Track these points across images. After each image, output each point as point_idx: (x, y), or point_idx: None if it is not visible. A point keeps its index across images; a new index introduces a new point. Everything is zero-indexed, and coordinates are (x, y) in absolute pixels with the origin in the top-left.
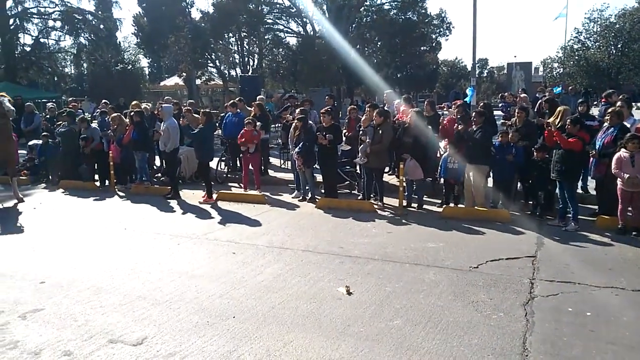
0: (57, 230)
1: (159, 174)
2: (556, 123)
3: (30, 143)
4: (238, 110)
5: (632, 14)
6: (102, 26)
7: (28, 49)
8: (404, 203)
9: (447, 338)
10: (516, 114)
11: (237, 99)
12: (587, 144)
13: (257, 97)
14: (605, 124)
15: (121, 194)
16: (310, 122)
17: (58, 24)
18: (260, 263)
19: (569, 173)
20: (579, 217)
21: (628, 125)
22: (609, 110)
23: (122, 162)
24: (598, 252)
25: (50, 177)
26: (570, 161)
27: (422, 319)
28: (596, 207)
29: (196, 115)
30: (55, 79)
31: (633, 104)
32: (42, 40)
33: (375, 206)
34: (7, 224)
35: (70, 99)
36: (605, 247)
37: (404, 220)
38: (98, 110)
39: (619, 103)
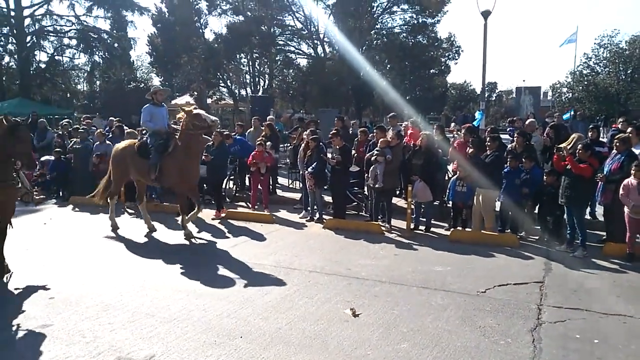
0: (66, 246)
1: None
2: (568, 149)
3: (42, 159)
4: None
5: None
6: (116, 45)
7: (43, 66)
8: (412, 225)
9: None
10: (515, 139)
11: (253, 118)
12: (596, 170)
13: (267, 117)
14: (614, 150)
15: (130, 211)
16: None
17: (73, 42)
18: (267, 283)
19: (578, 199)
20: (587, 243)
21: (637, 152)
22: (616, 137)
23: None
24: (606, 279)
25: (61, 193)
26: (580, 187)
27: (430, 343)
28: (604, 233)
29: (205, 137)
30: (68, 95)
31: None
32: (57, 57)
33: (383, 228)
34: (18, 239)
35: (84, 116)
36: (614, 274)
37: (411, 243)
38: (107, 127)
39: (628, 130)
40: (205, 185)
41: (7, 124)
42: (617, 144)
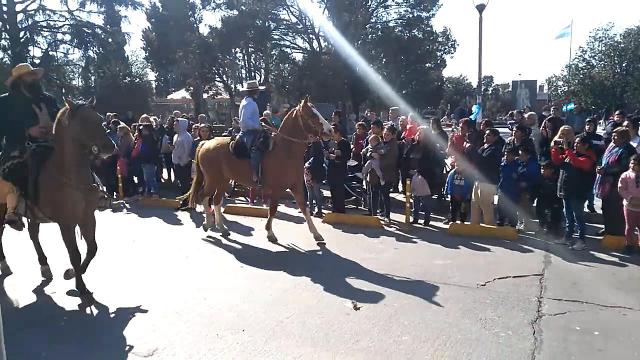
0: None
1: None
2: (566, 142)
3: None
4: None
5: (637, 34)
6: (110, 40)
7: (37, 61)
8: (411, 219)
9: (455, 355)
10: (514, 132)
11: None
12: (594, 163)
13: (264, 113)
14: (612, 143)
15: (128, 206)
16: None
17: (67, 37)
18: (268, 277)
19: (577, 191)
20: (586, 236)
21: (634, 145)
22: (615, 130)
23: (129, 175)
24: (605, 272)
25: None
26: (578, 180)
27: (431, 335)
28: (602, 226)
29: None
30: (63, 90)
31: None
32: (51, 53)
33: (382, 222)
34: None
35: None
36: (613, 266)
37: (410, 237)
38: (105, 123)
39: (625, 123)
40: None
41: (68, 107)
42: (615, 137)
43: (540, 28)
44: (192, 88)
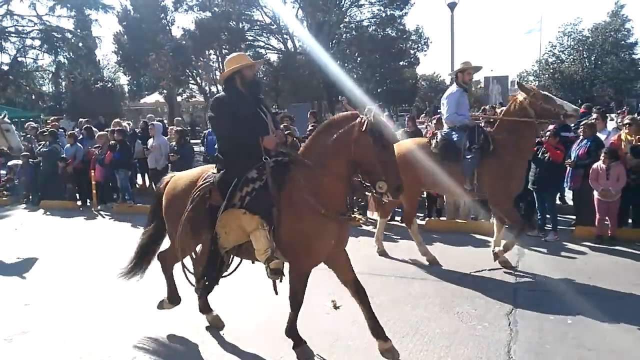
0: (39, 252)
1: None
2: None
3: (9, 163)
4: None
5: (604, 28)
6: (81, 44)
7: (6, 68)
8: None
9: (434, 349)
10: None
11: None
12: (564, 156)
13: None
14: (580, 136)
15: (103, 213)
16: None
17: (37, 42)
18: (247, 278)
19: (549, 184)
20: (558, 227)
21: (603, 137)
22: (582, 123)
23: (105, 181)
24: (577, 262)
25: (30, 198)
26: (550, 172)
27: (410, 330)
28: (574, 217)
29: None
30: (33, 97)
31: (607, 115)
32: (20, 59)
33: (360, 220)
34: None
35: (52, 118)
36: (584, 256)
37: (387, 234)
38: (77, 128)
39: (593, 116)
40: None
41: (372, 121)
42: (585, 129)
43: (511, 24)
44: (165, 91)
